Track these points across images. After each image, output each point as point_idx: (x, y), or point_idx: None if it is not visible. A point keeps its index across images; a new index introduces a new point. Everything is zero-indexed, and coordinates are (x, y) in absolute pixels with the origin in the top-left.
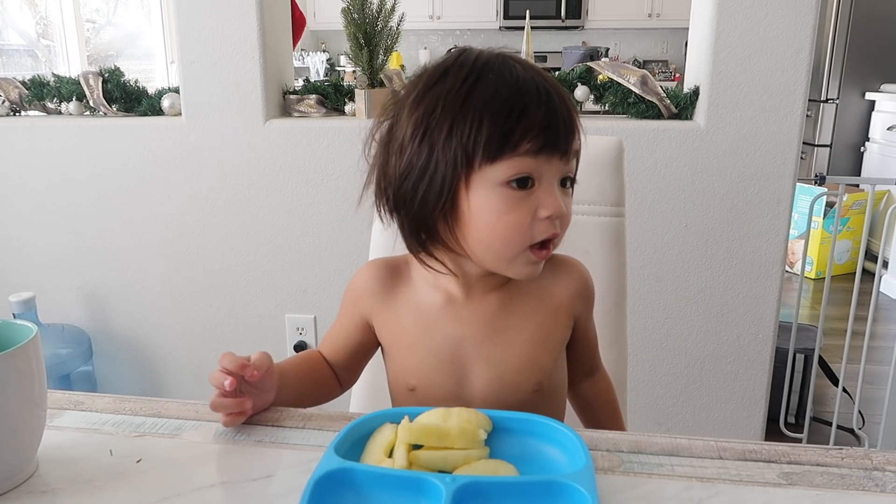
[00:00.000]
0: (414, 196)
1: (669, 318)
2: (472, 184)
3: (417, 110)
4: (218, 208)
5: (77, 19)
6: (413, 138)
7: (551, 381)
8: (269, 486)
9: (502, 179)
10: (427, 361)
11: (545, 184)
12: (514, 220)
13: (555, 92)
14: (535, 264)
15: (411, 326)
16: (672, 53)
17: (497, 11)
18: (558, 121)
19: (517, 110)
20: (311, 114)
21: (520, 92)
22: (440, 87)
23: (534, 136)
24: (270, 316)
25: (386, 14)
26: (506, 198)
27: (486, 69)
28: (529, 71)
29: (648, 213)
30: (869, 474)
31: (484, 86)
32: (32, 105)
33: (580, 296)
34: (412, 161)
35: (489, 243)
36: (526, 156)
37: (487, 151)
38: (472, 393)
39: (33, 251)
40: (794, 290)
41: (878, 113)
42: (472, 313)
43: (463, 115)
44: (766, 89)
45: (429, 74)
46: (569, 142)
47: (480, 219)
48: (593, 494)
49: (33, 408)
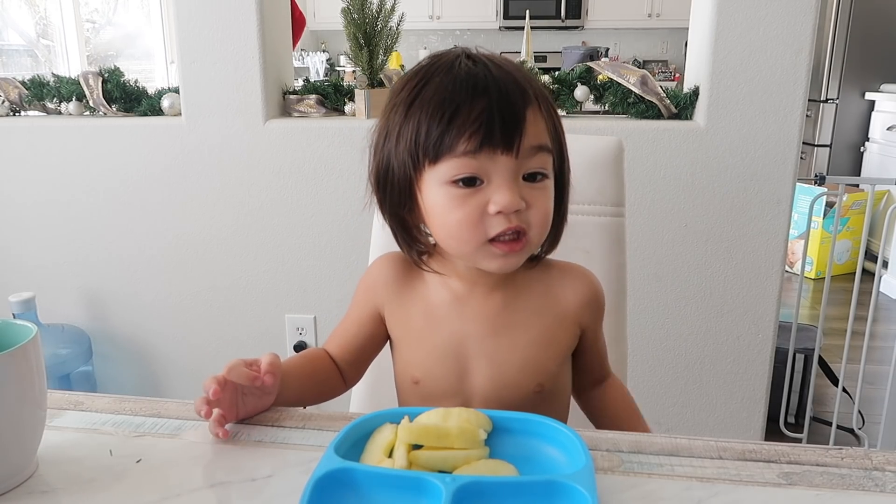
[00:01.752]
0: (384, 197)
1: (669, 318)
2: (422, 184)
3: (382, 119)
4: (218, 208)
5: (77, 19)
6: (378, 145)
7: (553, 384)
8: (269, 486)
9: (446, 179)
10: (432, 355)
11: (496, 180)
12: (460, 217)
13: (496, 86)
14: (505, 257)
15: (419, 320)
16: (672, 53)
17: (497, 11)
18: (493, 119)
19: (449, 111)
20: (311, 114)
21: (454, 92)
22: (400, 96)
23: (468, 137)
24: (270, 316)
25: (386, 14)
26: (452, 195)
27: (436, 71)
28: (479, 67)
29: (648, 213)
30: (869, 474)
31: (428, 88)
32: (32, 105)
33: (588, 306)
34: (379, 164)
35: (446, 239)
36: (465, 156)
37: (427, 154)
38: (473, 389)
39: (33, 251)
40: (794, 290)
41: (878, 113)
42: (475, 311)
43: (408, 120)
44: (766, 89)
45: (401, 81)
46: (512, 137)
47: (435, 216)
48: (593, 494)
49: (33, 408)
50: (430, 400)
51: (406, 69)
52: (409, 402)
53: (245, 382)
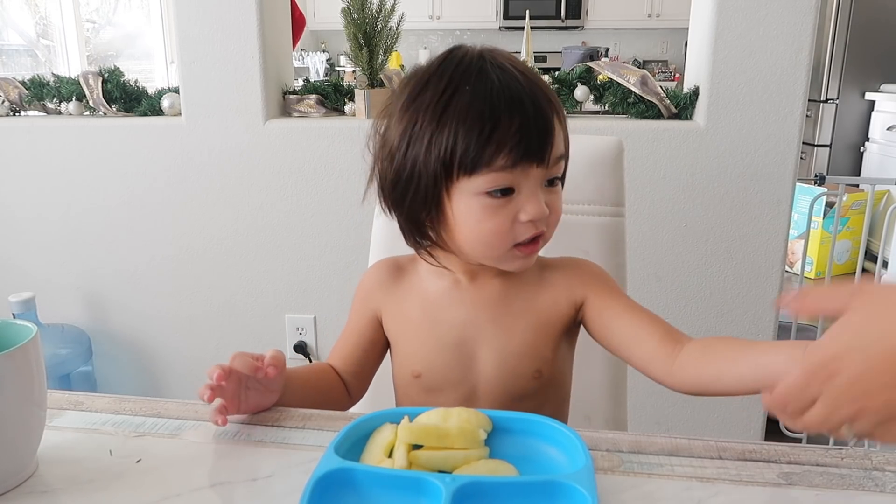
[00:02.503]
0: (403, 200)
1: (669, 318)
2: (452, 193)
3: (402, 121)
4: (218, 208)
5: (77, 19)
6: (399, 149)
7: (552, 370)
8: (269, 486)
9: (480, 190)
10: (432, 346)
11: (525, 190)
12: (494, 226)
13: (530, 99)
14: (525, 258)
15: (417, 314)
16: (672, 53)
17: (497, 11)
18: (531, 133)
19: (489, 126)
20: (311, 114)
21: (492, 106)
22: (422, 98)
23: (508, 151)
24: (270, 316)
25: (386, 14)
26: (485, 206)
27: (463, 79)
28: (508, 76)
29: (648, 213)
30: (869, 474)
31: (459, 99)
32: (32, 105)
33: (577, 277)
34: (399, 170)
35: (473, 246)
36: (502, 170)
37: (463, 166)
38: (478, 377)
39: (33, 251)
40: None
41: (878, 113)
42: (477, 296)
43: (440, 130)
44: (766, 89)
45: (416, 80)
46: (545, 150)
47: (464, 224)
48: (593, 494)
49: (33, 408)
50: (433, 392)
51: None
52: (409, 397)
53: (248, 372)
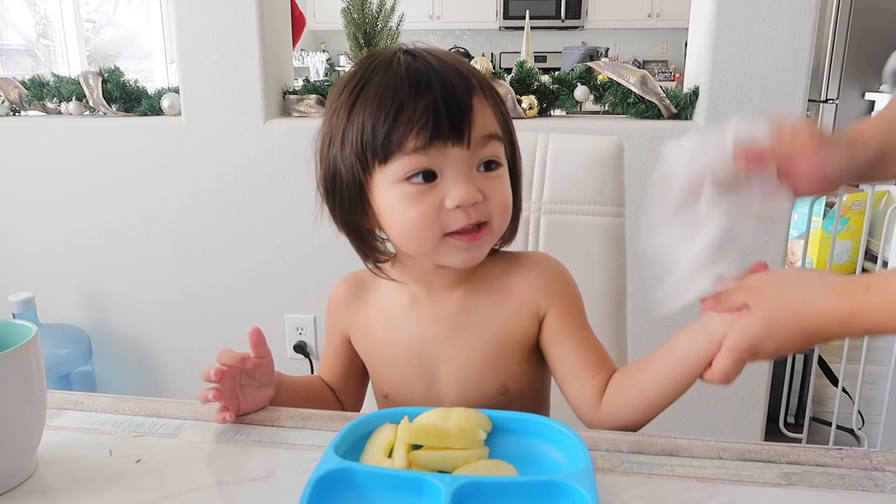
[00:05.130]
0: (335, 204)
1: (669, 319)
2: (373, 186)
3: (323, 126)
4: (218, 208)
5: (77, 19)
6: (322, 152)
7: (519, 386)
8: (269, 486)
9: (398, 178)
10: (394, 367)
11: (450, 174)
12: (418, 214)
13: (440, 79)
14: (468, 249)
15: (379, 333)
16: (672, 53)
17: (497, 11)
18: (440, 111)
19: (394, 108)
20: (311, 114)
21: (395, 90)
22: (340, 100)
23: (416, 133)
24: (270, 316)
25: (386, 14)
26: (407, 193)
27: (375, 69)
28: (419, 62)
29: (648, 214)
30: (868, 474)
31: (369, 88)
32: (32, 105)
33: (543, 288)
34: (325, 173)
35: (404, 240)
36: (415, 152)
37: (375, 154)
38: (441, 395)
39: (33, 251)
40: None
41: None
42: (434, 312)
43: (351, 121)
44: (766, 89)
45: (338, 85)
46: (461, 129)
47: (389, 217)
48: (593, 494)
49: (33, 408)
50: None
51: None
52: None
53: (236, 363)
